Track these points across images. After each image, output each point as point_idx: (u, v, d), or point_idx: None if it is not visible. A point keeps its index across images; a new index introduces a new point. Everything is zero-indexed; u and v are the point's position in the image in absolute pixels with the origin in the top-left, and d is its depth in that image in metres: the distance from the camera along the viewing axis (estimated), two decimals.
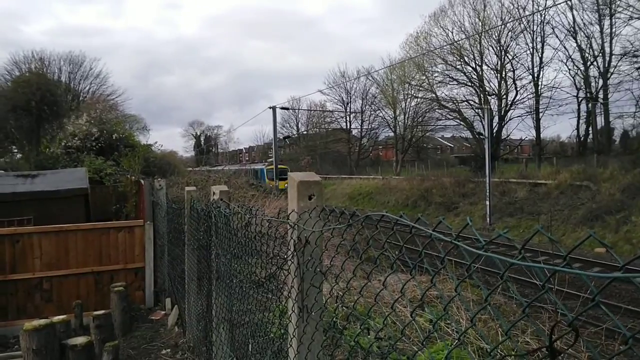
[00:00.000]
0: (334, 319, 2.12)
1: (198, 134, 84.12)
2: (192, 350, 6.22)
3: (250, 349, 3.61)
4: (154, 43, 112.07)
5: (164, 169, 18.07)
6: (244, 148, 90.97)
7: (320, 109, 60.97)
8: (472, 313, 4.80)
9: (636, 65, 29.30)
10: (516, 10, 35.73)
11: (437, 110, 44.69)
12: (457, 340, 1.25)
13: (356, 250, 2.10)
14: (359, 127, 58.33)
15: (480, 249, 1.08)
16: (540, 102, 35.91)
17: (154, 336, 7.33)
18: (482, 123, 35.76)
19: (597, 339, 5.70)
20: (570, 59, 33.85)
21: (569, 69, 34.29)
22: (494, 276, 11.09)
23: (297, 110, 61.28)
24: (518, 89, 37.63)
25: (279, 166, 35.90)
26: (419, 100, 46.40)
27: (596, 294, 0.86)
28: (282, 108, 37.50)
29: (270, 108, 29.67)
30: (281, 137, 57.48)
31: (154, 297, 9.10)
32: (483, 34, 36.83)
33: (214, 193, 4.32)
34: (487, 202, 24.93)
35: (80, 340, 5.70)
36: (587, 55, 32.86)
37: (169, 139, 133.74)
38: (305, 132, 65.97)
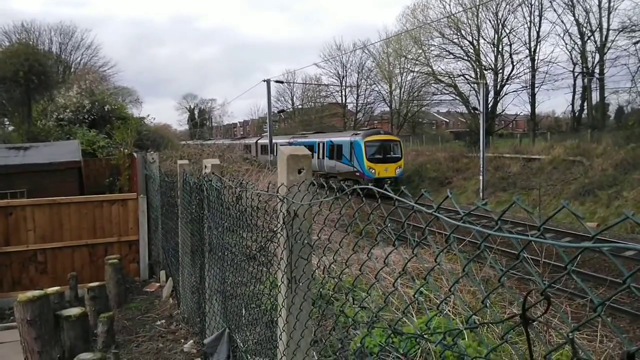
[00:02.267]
0: (320, 289, 2.16)
1: (192, 107, 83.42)
2: (186, 321, 6.32)
3: (243, 320, 3.69)
4: (146, 13, 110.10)
5: (157, 142, 17.99)
6: (239, 122, 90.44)
7: (316, 82, 60.41)
8: (459, 284, 4.87)
9: (634, 40, 29.12)
10: None
11: (432, 84, 44.39)
12: (438, 310, 1.28)
13: (346, 223, 2.13)
14: (355, 101, 57.98)
15: (459, 221, 1.10)
16: (536, 77, 35.80)
17: (149, 307, 7.43)
18: (477, 98, 35.56)
19: (580, 310, 5.83)
20: (567, 34, 33.64)
21: (566, 44, 34.31)
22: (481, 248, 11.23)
23: (292, 84, 60.69)
24: (514, 64, 37.41)
25: (386, 137, 28.21)
26: (415, 74, 46.03)
27: (568, 263, 0.89)
28: (277, 82, 37.02)
29: (264, 81, 29.31)
30: (276, 111, 57.12)
31: (149, 270, 9.18)
32: (481, 6, 36.31)
33: (205, 167, 4.32)
34: (481, 177, 25.05)
35: (74, 311, 5.76)
36: (584, 29, 32.60)
37: (163, 111, 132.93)
38: (300, 107, 65.51)
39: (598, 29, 31.81)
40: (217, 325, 4.25)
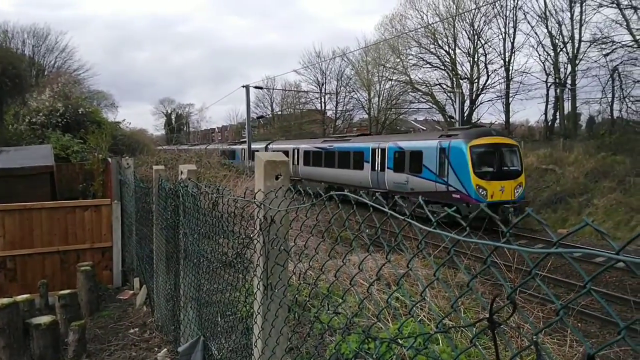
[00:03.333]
0: (296, 296, 2.16)
1: (169, 111, 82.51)
2: (160, 329, 6.22)
3: (219, 328, 3.65)
4: (126, 17, 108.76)
5: (132, 147, 17.74)
6: (217, 127, 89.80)
7: (295, 89, 60.50)
8: (435, 290, 4.93)
9: (604, 52, 30.05)
10: None
11: (410, 93, 45.04)
12: (410, 315, 1.30)
13: (325, 229, 2.14)
14: (334, 108, 58.23)
15: (431, 227, 1.12)
16: (511, 87, 36.63)
17: (122, 315, 7.29)
18: (453, 107, 36.25)
19: (552, 315, 5.97)
20: (540, 45, 34.53)
21: (539, 55, 35.02)
22: (459, 255, 11.37)
23: (271, 90, 60.66)
24: (489, 74, 38.26)
25: (501, 139, 18.52)
26: (393, 82, 46.56)
27: (532, 268, 0.92)
28: (256, 87, 37.01)
29: (243, 87, 29.25)
30: (255, 117, 56.88)
31: (122, 277, 9.02)
32: (457, 17, 37.03)
33: (181, 172, 4.29)
34: None
35: (44, 319, 5.62)
36: (557, 41, 33.51)
37: (140, 116, 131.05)
38: (279, 113, 65.46)
39: (570, 41, 32.77)
40: (191, 333, 4.20)
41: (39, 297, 7.51)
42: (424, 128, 70.73)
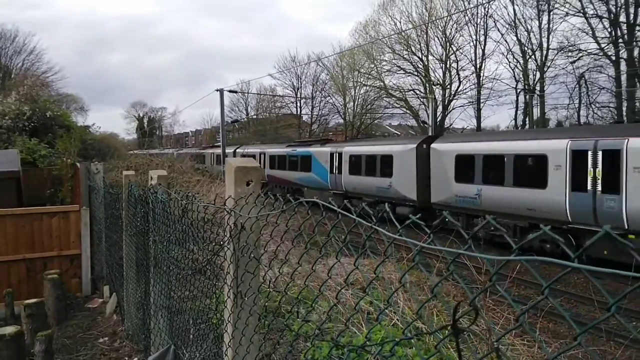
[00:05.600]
0: (266, 304, 2.15)
1: (141, 115, 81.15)
2: (130, 338, 6.08)
3: (191, 336, 3.59)
4: (97, 18, 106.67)
5: (103, 151, 17.38)
6: (191, 131, 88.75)
7: (271, 93, 60.36)
8: (410, 295, 4.96)
9: (571, 59, 30.98)
10: (461, 2, 36.74)
11: (384, 98, 45.49)
12: (378, 322, 1.31)
13: (298, 236, 2.13)
14: (310, 112, 58.30)
15: (395, 234, 1.13)
16: (482, 93, 37.37)
17: (91, 324, 7.10)
18: (427, 112, 36.74)
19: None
20: (510, 52, 35.38)
21: (509, 62, 35.89)
22: (434, 259, 11.51)
23: (246, 94, 60.35)
24: (461, 80, 38.95)
25: None
26: (367, 88, 46.94)
27: (493, 274, 0.93)
28: (230, 91, 36.71)
29: (217, 91, 28.98)
30: (229, 121, 56.47)
31: (91, 285, 8.80)
32: (429, 24, 37.62)
33: (151, 178, 4.21)
34: None
35: (9, 329, 5.44)
36: (526, 48, 34.41)
37: (111, 120, 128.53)
38: (255, 117, 65.14)
39: (539, 49, 33.69)
40: (162, 342, 4.12)
41: (4, 306, 7.28)
42: (398, 133, 71.57)
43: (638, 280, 0.72)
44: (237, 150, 35.45)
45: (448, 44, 38.27)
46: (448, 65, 39.03)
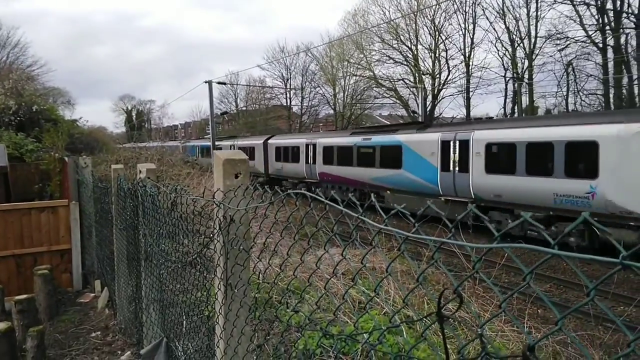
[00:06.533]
0: (256, 295, 2.16)
1: (129, 108, 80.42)
2: (123, 332, 6.08)
3: (184, 329, 3.60)
4: (84, 10, 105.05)
5: (91, 145, 17.20)
6: (179, 124, 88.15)
7: (260, 84, 60.00)
8: (399, 284, 5.00)
9: (559, 47, 31.15)
10: None
11: (374, 88, 45.44)
12: (366, 311, 1.32)
13: (287, 227, 2.14)
14: (300, 104, 58.09)
15: (381, 224, 1.14)
16: (471, 82, 37.48)
17: (83, 319, 7.09)
18: (416, 101, 36.83)
19: (511, 303, 6.18)
20: (499, 40, 35.50)
21: (498, 50, 36.04)
22: (424, 248, 11.61)
23: (235, 86, 59.93)
24: (450, 69, 39.03)
25: None
26: (357, 78, 46.87)
27: (475, 263, 0.95)
28: (219, 83, 36.32)
29: (205, 82, 28.76)
30: (219, 113, 56.11)
31: (83, 280, 8.76)
32: (418, 13, 37.57)
33: (140, 171, 4.19)
34: None
35: (0, 326, 5.41)
36: (514, 37, 34.54)
37: (99, 114, 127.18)
38: (244, 108, 64.77)
39: (527, 37, 33.84)
40: (154, 335, 4.13)
41: None
42: (388, 122, 71.59)
43: (614, 265, 0.74)
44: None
45: (437, 32, 38.29)
46: (437, 55, 39.08)
